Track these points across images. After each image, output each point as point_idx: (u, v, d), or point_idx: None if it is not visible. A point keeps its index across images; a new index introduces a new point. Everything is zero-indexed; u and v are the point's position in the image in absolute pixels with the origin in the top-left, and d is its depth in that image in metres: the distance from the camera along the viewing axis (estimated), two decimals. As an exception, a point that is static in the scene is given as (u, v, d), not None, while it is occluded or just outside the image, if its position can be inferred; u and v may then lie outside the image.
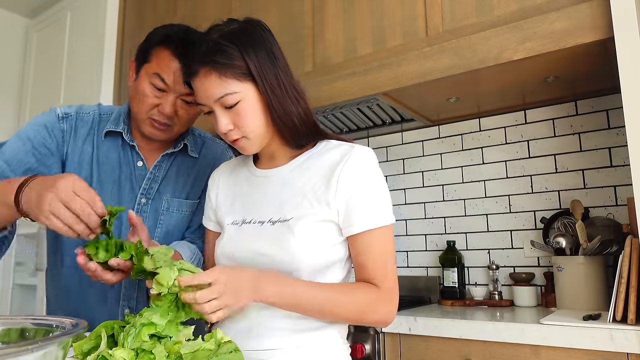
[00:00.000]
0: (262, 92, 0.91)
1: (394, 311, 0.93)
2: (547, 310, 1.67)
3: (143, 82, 1.13)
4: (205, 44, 0.91)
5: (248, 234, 0.96)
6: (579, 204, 1.76)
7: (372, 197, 0.92)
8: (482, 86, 1.80)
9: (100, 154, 1.20)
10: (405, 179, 2.28)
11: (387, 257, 0.92)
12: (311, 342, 0.92)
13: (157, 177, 1.23)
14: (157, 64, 1.11)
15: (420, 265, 2.19)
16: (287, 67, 0.96)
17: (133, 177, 1.21)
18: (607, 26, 1.37)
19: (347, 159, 0.93)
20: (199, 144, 1.32)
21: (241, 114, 0.91)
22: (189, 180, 1.27)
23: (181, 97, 1.12)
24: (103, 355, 0.65)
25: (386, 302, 0.92)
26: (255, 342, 0.91)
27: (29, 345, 0.41)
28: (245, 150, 0.96)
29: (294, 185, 0.96)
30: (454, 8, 1.69)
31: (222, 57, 0.88)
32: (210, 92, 0.90)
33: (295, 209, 0.93)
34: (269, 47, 0.93)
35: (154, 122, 1.14)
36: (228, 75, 0.89)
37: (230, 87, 0.89)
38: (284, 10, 2.12)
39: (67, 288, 1.20)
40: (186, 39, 1.10)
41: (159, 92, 1.12)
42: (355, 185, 0.91)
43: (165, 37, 1.12)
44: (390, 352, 1.53)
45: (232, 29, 0.92)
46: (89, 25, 2.88)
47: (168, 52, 1.10)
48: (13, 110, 3.36)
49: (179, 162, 1.27)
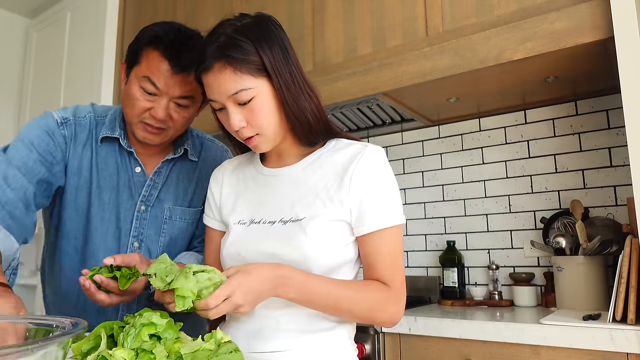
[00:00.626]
0: (277, 88, 0.89)
1: (402, 311, 0.92)
2: (547, 310, 1.67)
3: (133, 85, 1.07)
4: (218, 39, 0.88)
5: (257, 234, 0.94)
6: (579, 204, 1.76)
7: (385, 197, 0.91)
8: (482, 86, 1.80)
9: (98, 159, 1.16)
10: (405, 179, 2.28)
11: (396, 257, 0.92)
12: (320, 343, 0.91)
13: (157, 183, 1.19)
14: (147, 66, 1.05)
15: (420, 265, 2.20)
16: (298, 63, 0.94)
17: (131, 183, 1.17)
18: (607, 26, 1.37)
19: (360, 157, 0.92)
20: (198, 146, 1.28)
21: (255, 111, 0.88)
22: (190, 186, 1.23)
23: (174, 100, 1.07)
24: (103, 356, 0.65)
25: (395, 302, 0.91)
26: (263, 344, 0.90)
27: (29, 345, 0.41)
28: (259, 148, 0.94)
29: (306, 184, 0.94)
30: (454, 8, 1.69)
31: (237, 52, 0.86)
32: (224, 87, 0.87)
33: (308, 209, 0.91)
34: (282, 43, 0.91)
35: (146, 126, 1.09)
36: (243, 70, 0.86)
37: (245, 83, 0.87)
38: (284, 10, 2.12)
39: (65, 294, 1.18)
40: (177, 39, 1.05)
41: (150, 95, 1.06)
42: (368, 184, 0.91)
43: (155, 38, 1.06)
44: (390, 352, 1.53)
45: (245, 24, 0.90)
46: (89, 25, 2.88)
47: (158, 54, 1.04)
48: (13, 110, 3.36)
49: (179, 167, 1.23)
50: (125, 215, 1.16)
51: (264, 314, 0.92)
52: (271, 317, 0.91)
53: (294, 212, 0.92)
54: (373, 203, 0.90)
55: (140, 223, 1.17)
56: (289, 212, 0.93)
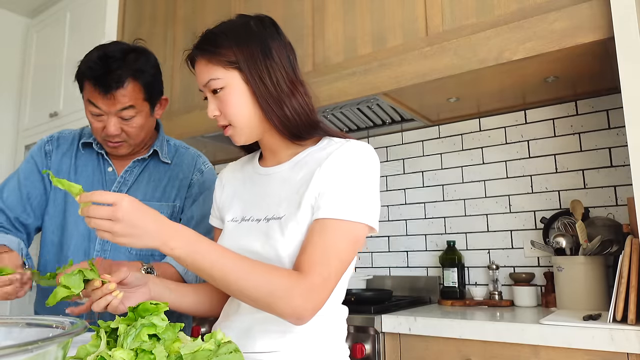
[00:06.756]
0: (250, 81, 0.93)
1: (310, 309, 0.82)
2: (547, 310, 1.67)
3: (86, 109, 1.25)
4: (205, 35, 0.97)
5: (243, 231, 0.97)
6: (579, 204, 1.76)
7: (346, 188, 0.87)
8: (482, 86, 1.80)
9: (79, 163, 1.36)
10: (405, 179, 2.27)
11: (329, 251, 0.83)
12: (308, 344, 0.90)
13: (128, 181, 1.34)
14: (87, 92, 1.22)
15: (420, 265, 2.19)
16: (287, 62, 0.97)
17: (103, 181, 1.34)
18: (607, 26, 1.37)
19: (335, 150, 0.92)
20: (172, 151, 1.42)
21: (224, 101, 0.94)
22: (160, 185, 1.36)
23: (119, 115, 1.22)
24: (102, 356, 0.65)
25: (304, 295, 0.80)
26: (252, 343, 0.90)
27: (29, 345, 0.41)
28: (234, 138, 0.98)
29: (291, 183, 0.96)
30: (454, 8, 1.69)
31: (211, 45, 0.94)
32: (200, 77, 0.96)
33: (289, 207, 0.92)
34: (266, 41, 0.95)
35: (108, 142, 1.27)
36: (213, 62, 0.93)
37: (215, 73, 0.93)
38: (284, 10, 2.12)
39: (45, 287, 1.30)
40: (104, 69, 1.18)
41: (98, 116, 1.23)
42: (333, 173, 0.89)
43: (85, 70, 1.21)
44: (390, 352, 1.53)
45: (232, 23, 0.98)
46: (89, 25, 2.87)
47: (89, 83, 1.20)
48: (13, 110, 3.36)
49: (151, 167, 1.37)
50: None
51: (252, 312, 0.91)
52: (259, 315, 0.91)
53: (277, 210, 0.94)
54: (332, 191, 0.87)
55: None
56: (274, 210, 0.94)
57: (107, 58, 1.20)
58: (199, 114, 2.31)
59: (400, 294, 2.13)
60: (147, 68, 1.24)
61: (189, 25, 2.51)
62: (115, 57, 1.20)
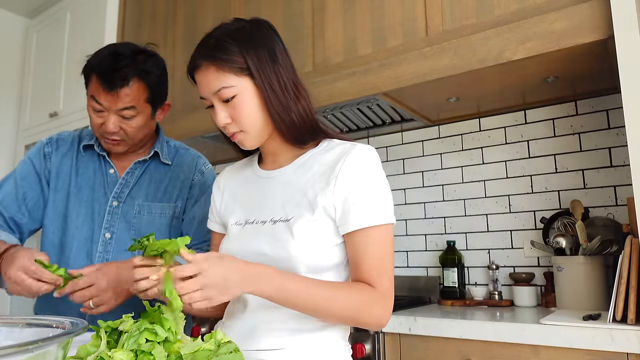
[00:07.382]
0: (260, 87, 0.92)
1: (388, 315, 0.90)
2: (547, 310, 1.67)
3: (88, 104, 1.25)
4: (209, 40, 0.95)
5: (250, 234, 0.97)
6: (579, 204, 1.76)
7: (371, 195, 0.91)
8: (482, 86, 1.80)
9: (80, 165, 1.37)
10: (405, 179, 2.27)
11: (383, 258, 0.90)
12: (312, 343, 0.91)
13: (129, 182, 1.35)
14: (92, 88, 1.22)
15: (420, 265, 2.19)
16: (290, 66, 0.98)
17: (105, 183, 1.35)
18: (607, 26, 1.37)
19: (347, 156, 0.93)
20: (172, 152, 1.43)
21: (237, 108, 0.93)
22: (161, 186, 1.37)
23: (119, 113, 1.22)
24: (102, 357, 0.65)
25: (381, 304, 0.88)
26: (257, 342, 0.91)
27: (29, 345, 0.41)
28: (243, 144, 0.98)
29: (296, 185, 0.96)
30: (454, 8, 1.69)
31: (221, 52, 0.92)
32: (209, 85, 0.93)
33: (296, 209, 0.93)
34: (271, 45, 0.96)
35: (105, 139, 1.28)
36: (225, 69, 0.92)
37: (227, 81, 0.92)
38: (284, 10, 2.12)
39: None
40: (112, 65, 1.20)
41: (99, 112, 1.23)
42: (353, 182, 0.91)
43: (92, 65, 1.23)
44: (390, 352, 1.53)
45: (237, 28, 0.96)
46: (89, 25, 2.88)
47: (95, 77, 1.21)
48: (13, 110, 3.36)
49: (152, 169, 1.38)
50: (100, 210, 1.32)
51: (258, 312, 0.92)
52: (264, 315, 0.92)
53: (284, 213, 0.94)
54: (357, 200, 0.90)
55: (112, 217, 1.32)
56: (280, 212, 0.95)
57: (117, 55, 1.21)
58: (199, 115, 2.31)
59: (400, 294, 2.12)
60: (154, 70, 1.25)
61: (189, 25, 2.51)
62: (125, 55, 1.21)
